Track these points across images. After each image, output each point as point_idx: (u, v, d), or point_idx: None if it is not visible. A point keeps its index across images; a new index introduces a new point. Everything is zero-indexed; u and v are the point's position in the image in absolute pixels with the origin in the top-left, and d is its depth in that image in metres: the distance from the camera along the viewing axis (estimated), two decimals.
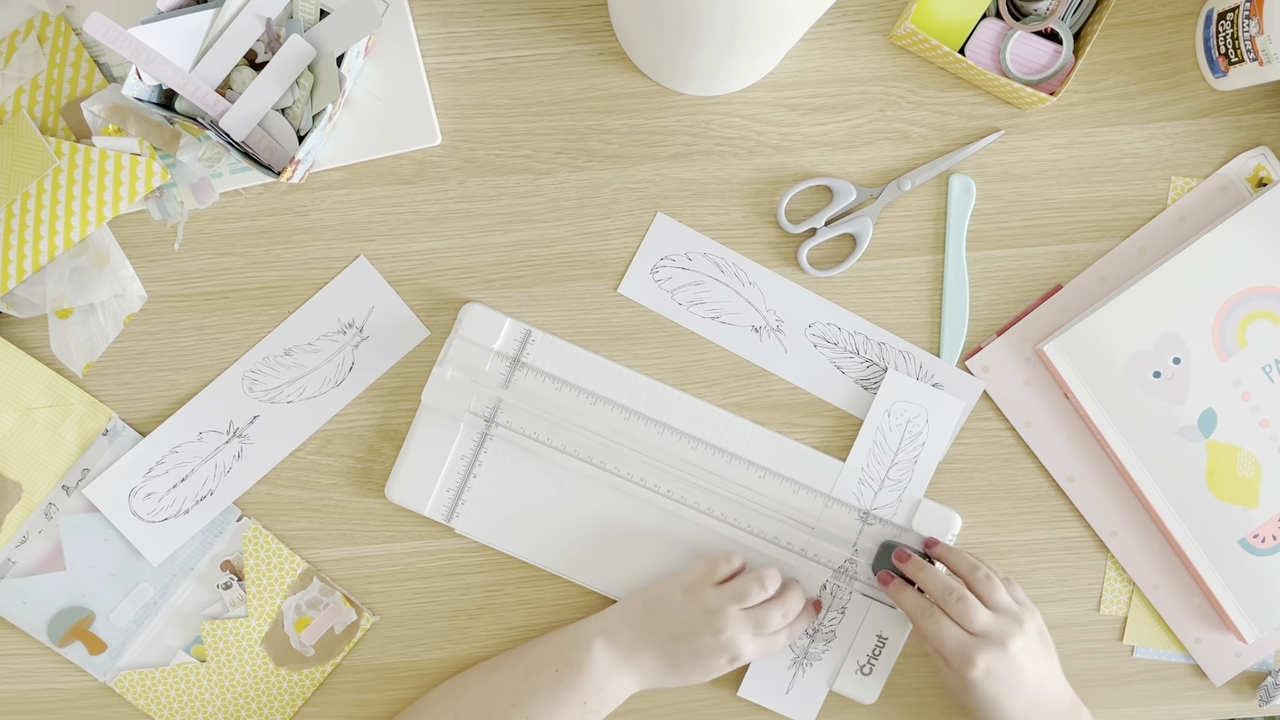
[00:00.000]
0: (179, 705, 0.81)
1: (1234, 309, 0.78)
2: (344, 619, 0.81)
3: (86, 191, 0.76)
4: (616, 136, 0.80)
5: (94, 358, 0.80)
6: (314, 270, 0.80)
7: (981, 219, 0.80)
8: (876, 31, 0.80)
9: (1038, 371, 0.80)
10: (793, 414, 0.80)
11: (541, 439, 0.79)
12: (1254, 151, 0.79)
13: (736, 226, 0.80)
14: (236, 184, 0.79)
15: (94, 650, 0.80)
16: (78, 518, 0.80)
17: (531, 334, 0.79)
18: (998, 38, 0.77)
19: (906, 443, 0.79)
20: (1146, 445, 0.78)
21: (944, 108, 0.80)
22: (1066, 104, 0.80)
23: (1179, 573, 0.80)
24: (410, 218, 0.80)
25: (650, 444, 0.79)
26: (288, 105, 0.74)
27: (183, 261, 0.80)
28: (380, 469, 0.81)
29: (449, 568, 0.81)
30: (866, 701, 0.80)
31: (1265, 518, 0.79)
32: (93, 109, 0.77)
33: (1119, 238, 0.80)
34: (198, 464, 0.80)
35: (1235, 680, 0.82)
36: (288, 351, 0.80)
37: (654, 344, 0.80)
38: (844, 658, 0.79)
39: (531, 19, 0.79)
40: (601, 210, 0.80)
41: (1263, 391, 0.78)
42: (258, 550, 0.80)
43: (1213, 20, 0.77)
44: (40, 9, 0.78)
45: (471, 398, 0.78)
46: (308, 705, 0.81)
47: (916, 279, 0.80)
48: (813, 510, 0.79)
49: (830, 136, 0.80)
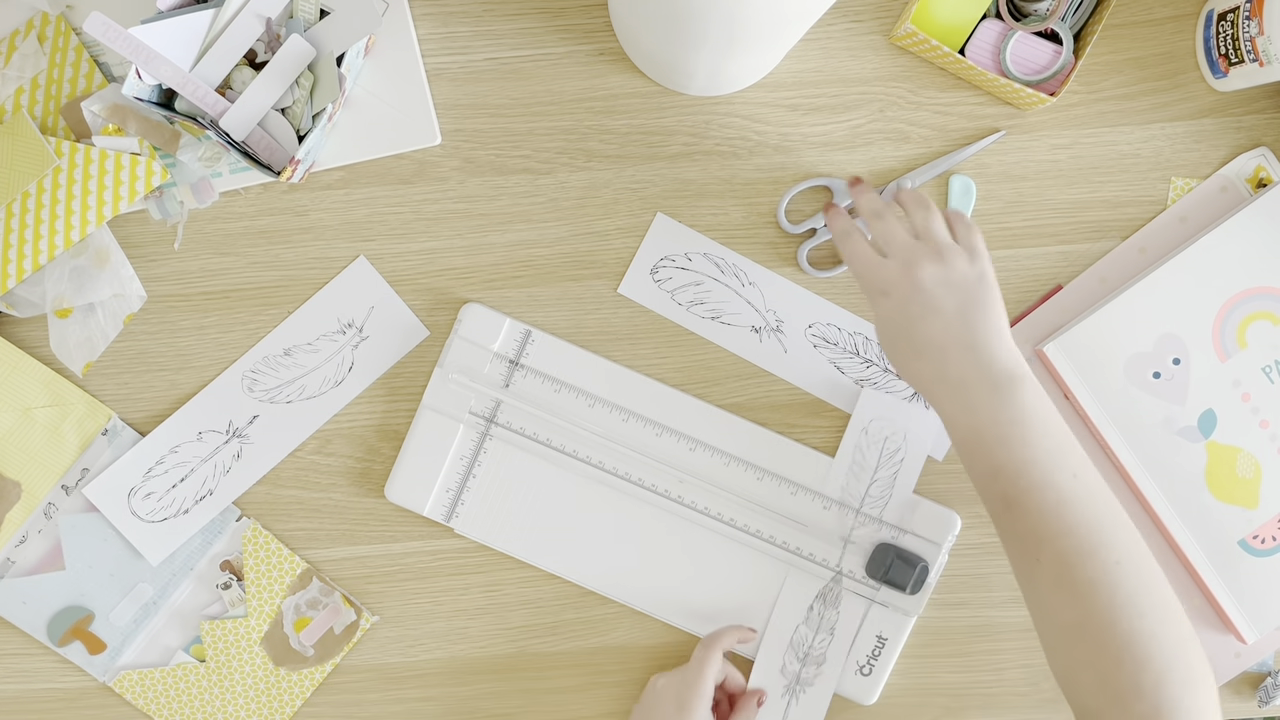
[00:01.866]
0: (178, 705, 0.81)
1: (1234, 310, 0.78)
2: (343, 619, 0.81)
3: (86, 191, 0.76)
4: (616, 136, 0.80)
5: (94, 357, 0.80)
6: (314, 270, 0.80)
7: (981, 219, 0.80)
8: (876, 32, 0.80)
9: (1038, 372, 0.80)
10: (793, 414, 0.80)
11: (541, 439, 0.79)
12: (1254, 152, 0.79)
13: (736, 226, 0.80)
14: (236, 184, 0.79)
15: (93, 650, 0.80)
16: (77, 517, 0.80)
17: (531, 334, 0.79)
18: (998, 38, 0.77)
19: (885, 460, 0.79)
20: (1146, 446, 0.78)
21: (944, 108, 0.80)
22: (1066, 104, 0.80)
23: (1178, 573, 0.80)
24: (410, 218, 0.80)
25: (650, 444, 0.79)
26: (288, 105, 0.74)
27: (183, 261, 0.80)
28: (380, 469, 0.81)
29: (448, 568, 0.81)
30: (866, 702, 0.80)
31: (1265, 518, 0.79)
32: (93, 109, 0.77)
33: (1119, 238, 0.80)
34: (197, 464, 0.80)
35: (1235, 681, 0.82)
36: (287, 351, 0.80)
37: (654, 344, 0.80)
38: (844, 659, 0.79)
39: (531, 19, 0.79)
40: (601, 210, 0.80)
41: (1262, 392, 0.78)
42: (257, 550, 0.80)
43: (1213, 21, 0.77)
44: (40, 8, 0.78)
45: (471, 398, 0.78)
46: (307, 705, 0.81)
47: None
48: (812, 511, 0.79)
49: (830, 136, 0.80)
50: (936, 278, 0.65)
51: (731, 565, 0.80)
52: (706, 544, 0.80)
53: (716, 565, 0.80)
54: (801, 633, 0.79)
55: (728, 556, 0.80)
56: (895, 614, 0.79)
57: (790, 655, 0.79)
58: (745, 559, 0.79)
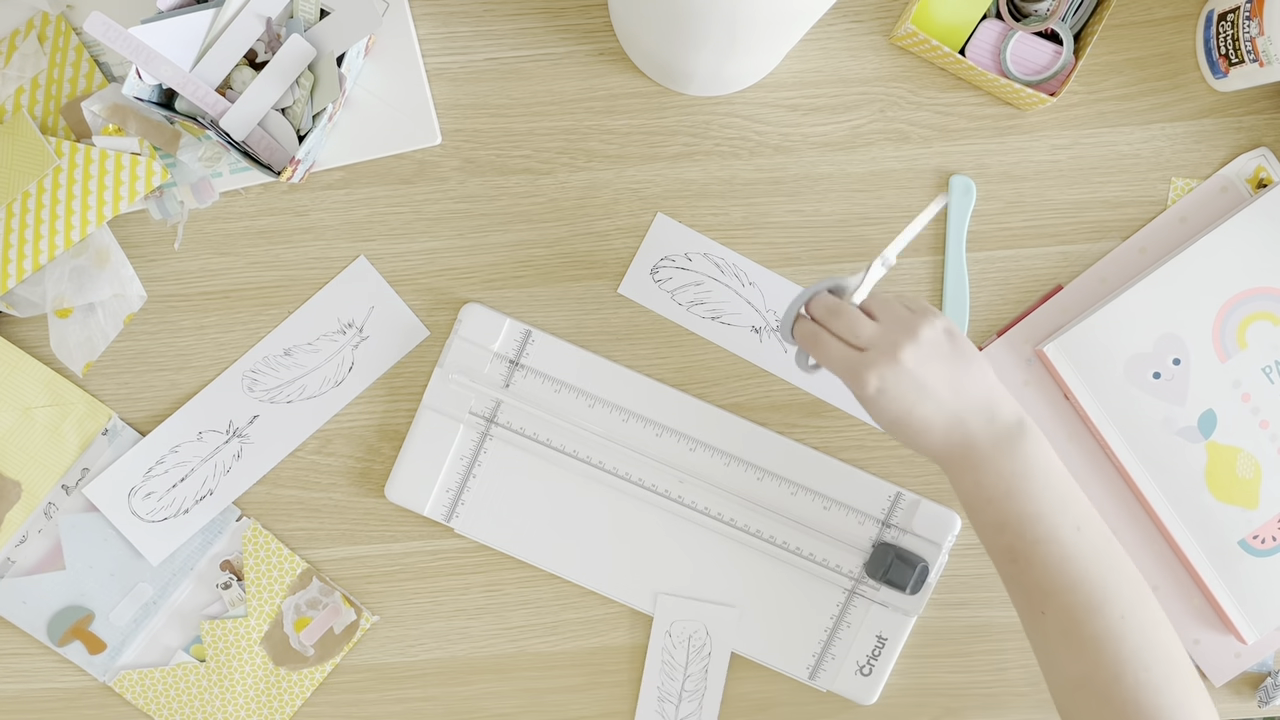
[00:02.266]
0: (178, 705, 0.81)
1: (1234, 310, 0.78)
2: (343, 619, 0.81)
3: (86, 191, 0.76)
4: (616, 136, 0.80)
5: (94, 357, 0.80)
6: (314, 270, 0.80)
7: (981, 220, 0.80)
8: (877, 32, 0.80)
9: (1038, 372, 0.80)
10: (792, 414, 0.80)
11: (541, 439, 0.79)
12: (1254, 153, 0.79)
13: (736, 226, 0.80)
14: (236, 184, 0.79)
15: (93, 650, 0.80)
16: (77, 517, 0.80)
17: (531, 334, 0.79)
18: (998, 38, 0.77)
19: (694, 655, 0.79)
20: (1146, 446, 0.78)
21: (944, 108, 0.80)
22: (1067, 105, 0.80)
23: (1178, 574, 0.80)
24: (410, 218, 0.80)
25: (649, 444, 0.79)
26: (288, 105, 0.74)
27: (183, 261, 0.80)
28: (380, 469, 0.81)
29: (448, 567, 0.81)
30: (866, 702, 0.80)
31: (1265, 519, 0.79)
32: (93, 109, 0.77)
33: (1119, 238, 0.80)
34: (197, 464, 0.80)
35: (1235, 681, 0.82)
36: (287, 351, 0.80)
37: (654, 344, 0.80)
38: (844, 658, 0.79)
39: (531, 19, 0.79)
40: (601, 210, 0.80)
41: (1262, 392, 0.78)
42: (257, 550, 0.80)
43: (1213, 21, 0.77)
44: (40, 8, 0.78)
45: (471, 398, 0.78)
46: (307, 705, 0.81)
47: (916, 279, 0.80)
48: (811, 511, 0.79)
49: (830, 137, 0.80)
50: (917, 355, 0.65)
51: (731, 565, 0.80)
52: (706, 544, 0.80)
53: (716, 565, 0.80)
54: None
55: (727, 556, 0.80)
56: (895, 614, 0.79)
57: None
58: (745, 559, 0.79)
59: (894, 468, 0.80)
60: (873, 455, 0.81)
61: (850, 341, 0.66)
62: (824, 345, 0.67)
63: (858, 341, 0.66)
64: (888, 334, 0.66)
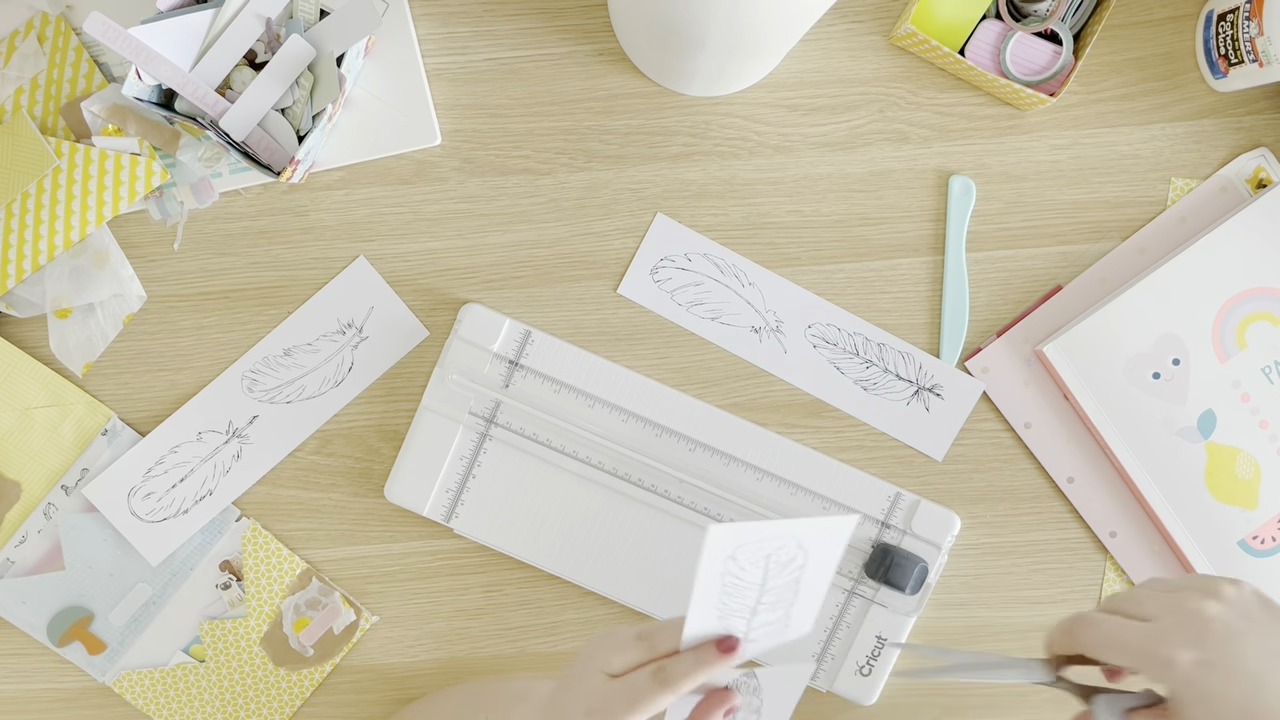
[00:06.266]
0: (178, 705, 0.81)
1: (1234, 310, 0.78)
2: (343, 619, 0.81)
3: (86, 191, 0.76)
4: (616, 137, 0.80)
5: (93, 357, 0.80)
6: (313, 270, 0.80)
7: (981, 220, 0.80)
8: (876, 32, 0.80)
9: (1037, 372, 0.80)
10: (792, 414, 0.80)
11: (541, 440, 0.79)
12: (1254, 153, 0.79)
13: (736, 226, 0.80)
14: (236, 184, 0.79)
15: (93, 650, 0.80)
16: (77, 517, 0.80)
17: (531, 334, 0.79)
18: (998, 38, 0.77)
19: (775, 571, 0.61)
20: (1146, 446, 0.78)
21: (944, 108, 0.80)
22: (1066, 105, 0.80)
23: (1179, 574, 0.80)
24: (410, 218, 0.80)
25: (649, 445, 0.79)
26: (288, 105, 0.74)
27: (182, 261, 0.80)
28: (380, 469, 0.81)
29: (448, 568, 0.81)
30: (866, 702, 0.80)
31: (1264, 519, 0.79)
32: (93, 109, 0.77)
33: (1119, 239, 0.80)
34: (197, 464, 0.80)
35: None
36: (287, 351, 0.80)
37: (654, 344, 0.80)
38: (844, 658, 0.79)
39: (531, 19, 0.79)
40: (601, 210, 0.80)
41: (1262, 393, 0.78)
42: (257, 550, 0.80)
43: (1213, 21, 0.77)
44: (40, 9, 0.78)
45: (471, 398, 0.78)
46: (307, 705, 0.81)
47: (916, 280, 0.80)
48: (812, 511, 0.79)
49: (830, 137, 0.80)
50: (1221, 614, 0.54)
51: None
52: None
53: None
54: None
55: None
56: (895, 614, 0.79)
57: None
58: None
59: (893, 468, 0.81)
60: (872, 455, 0.81)
61: (1132, 614, 0.56)
62: (1095, 625, 0.56)
63: (1141, 613, 0.56)
64: (1182, 597, 0.56)
